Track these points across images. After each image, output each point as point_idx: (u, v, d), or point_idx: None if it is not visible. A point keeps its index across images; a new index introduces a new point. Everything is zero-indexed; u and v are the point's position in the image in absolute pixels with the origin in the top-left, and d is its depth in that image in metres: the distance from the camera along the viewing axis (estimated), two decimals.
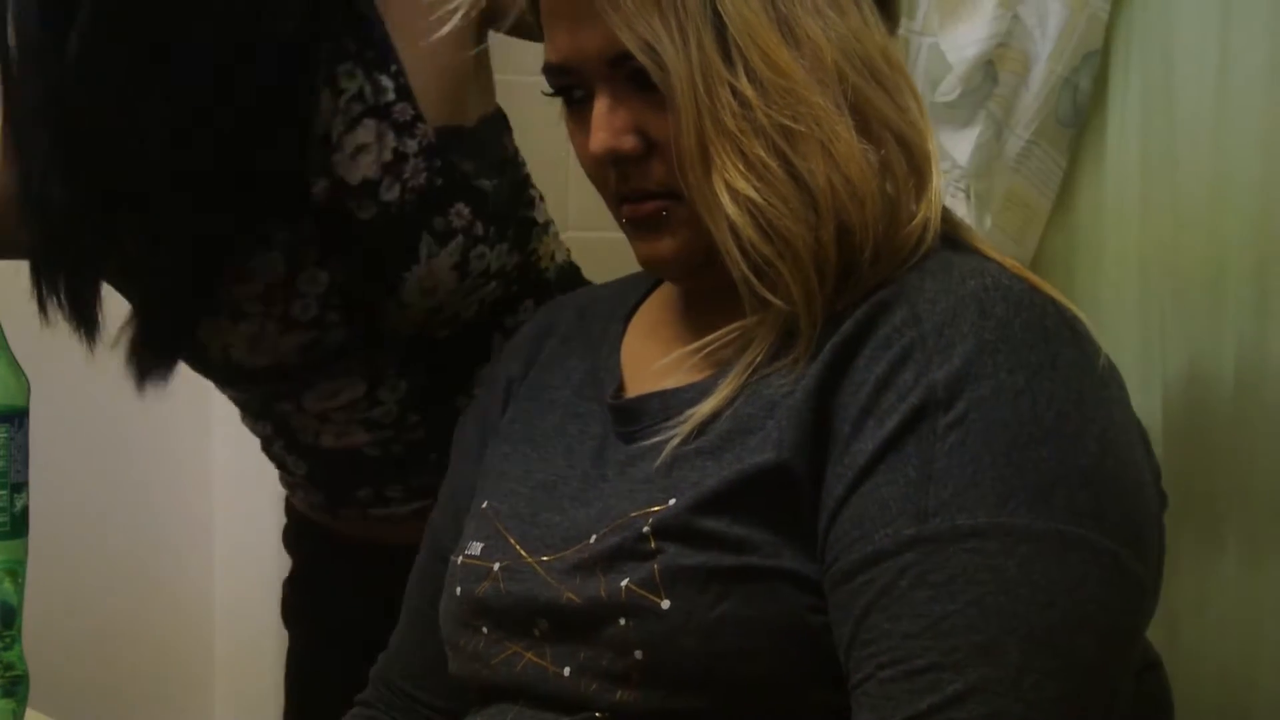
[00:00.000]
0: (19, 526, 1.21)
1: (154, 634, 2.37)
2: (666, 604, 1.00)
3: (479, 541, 1.15)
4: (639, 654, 1.01)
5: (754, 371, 1.05)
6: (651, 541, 1.02)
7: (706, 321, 1.10)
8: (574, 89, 1.09)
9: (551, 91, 1.11)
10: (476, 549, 1.14)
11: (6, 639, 1.20)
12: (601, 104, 1.07)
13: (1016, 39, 1.62)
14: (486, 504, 1.17)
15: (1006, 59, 1.62)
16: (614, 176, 1.08)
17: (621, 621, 1.02)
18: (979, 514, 0.95)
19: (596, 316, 1.24)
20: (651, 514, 1.03)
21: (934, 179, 1.06)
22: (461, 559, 1.15)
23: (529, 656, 1.08)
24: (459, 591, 1.14)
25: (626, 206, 1.09)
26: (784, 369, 1.03)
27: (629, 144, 1.06)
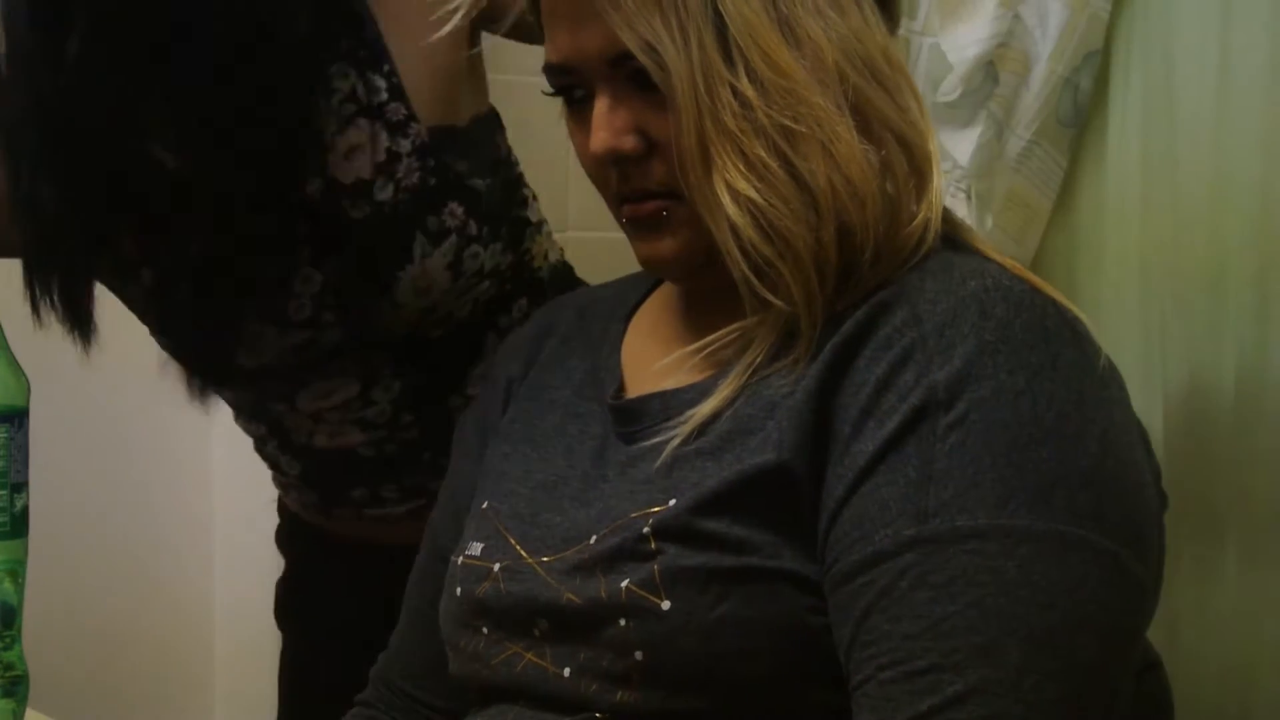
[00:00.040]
0: (19, 526, 1.21)
1: (154, 634, 2.37)
2: (667, 605, 1.00)
3: (479, 542, 1.15)
4: (639, 655, 1.01)
5: (754, 372, 1.05)
6: (652, 542, 1.02)
7: (707, 321, 1.10)
8: (574, 89, 1.09)
9: (552, 91, 1.11)
10: (477, 549, 1.14)
11: (6, 639, 1.20)
12: (602, 104, 1.06)
13: (1017, 39, 1.62)
14: (487, 504, 1.17)
15: (1007, 59, 1.62)
16: (614, 176, 1.08)
17: (622, 622, 1.02)
18: (979, 515, 0.95)
19: (597, 316, 1.24)
20: (652, 515, 1.03)
21: (935, 179, 1.06)
22: (461, 559, 1.15)
23: (529, 657, 1.08)
24: (459, 592, 1.14)
25: (627, 206, 1.09)
26: (784, 369, 1.03)
27: (629, 144, 1.06)
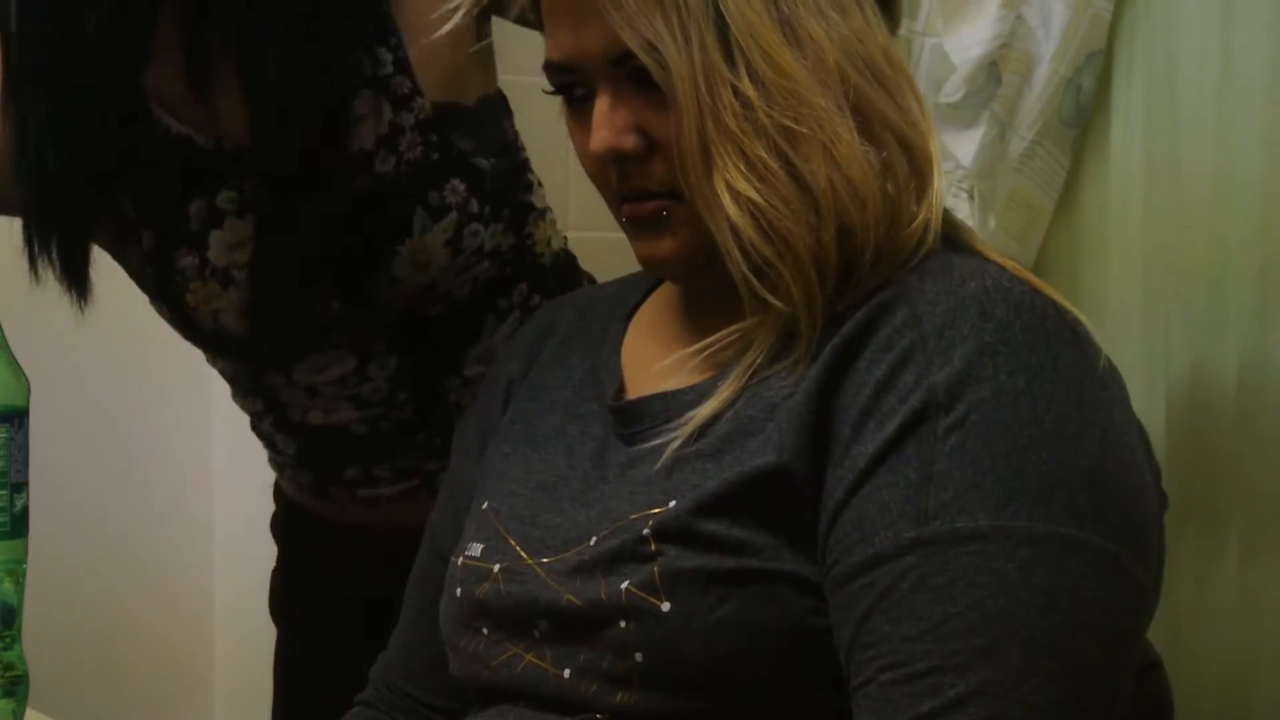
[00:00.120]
0: (19, 526, 1.21)
1: (154, 634, 2.37)
2: (667, 606, 1.00)
3: (479, 543, 1.15)
4: (639, 656, 1.01)
5: (754, 374, 1.05)
6: (652, 544, 1.02)
7: (707, 322, 1.10)
8: (575, 87, 1.09)
9: (552, 90, 1.11)
10: (477, 550, 1.14)
11: (6, 639, 1.20)
12: (603, 103, 1.06)
13: (1020, 39, 1.62)
14: (487, 505, 1.17)
15: (1010, 59, 1.62)
16: (615, 175, 1.08)
17: (622, 623, 1.01)
18: (979, 516, 0.94)
19: (596, 316, 1.24)
20: (652, 516, 1.03)
21: (935, 180, 1.06)
22: (462, 560, 1.15)
23: (529, 658, 1.08)
24: (459, 593, 1.14)
25: (627, 206, 1.09)
26: (784, 371, 1.03)
27: (630, 143, 1.06)
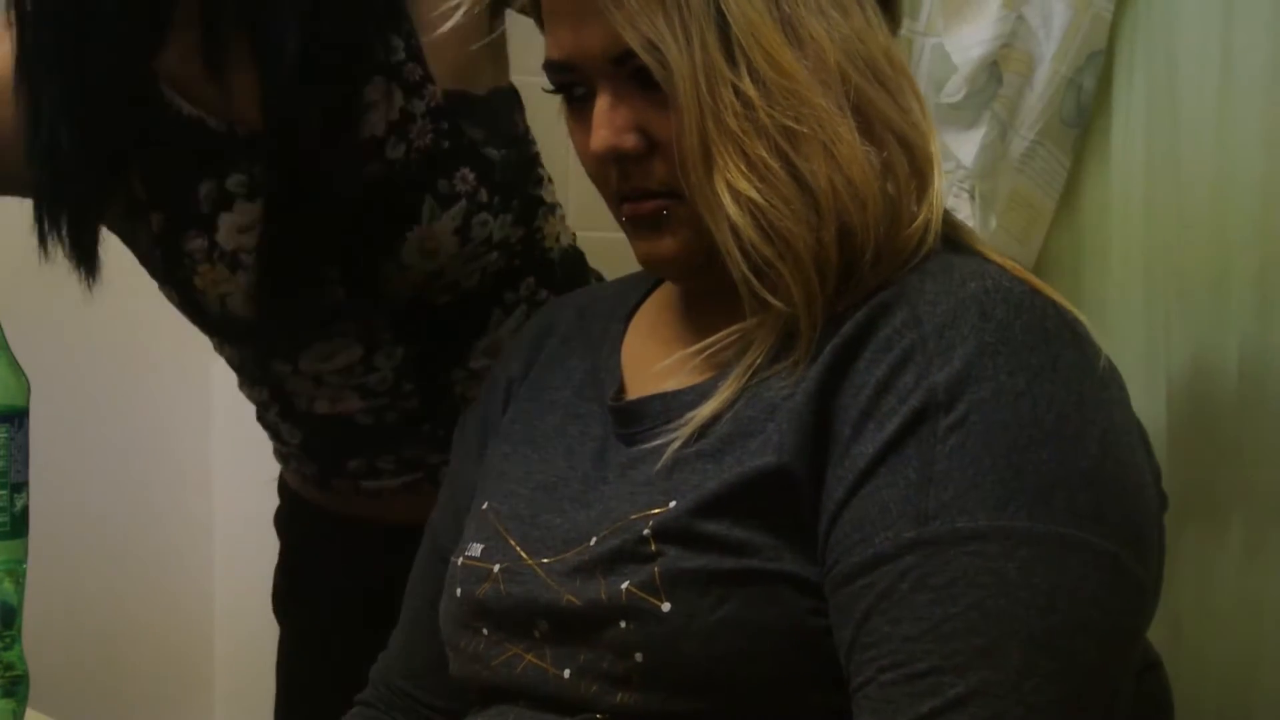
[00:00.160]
0: (19, 526, 1.20)
1: (154, 634, 2.37)
2: (667, 607, 1.00)
3: (479, 543, 1.14)
4: (639, 656, 1.01)
5: (754, 374, 1.05)
6: (652, 544, 1.02)
7: (707, 322, 1.09)
8: (575, 86, 1.09)
9: (552, 88, 1.11)
10: (477, 550, 1.14)
11: (6, 639, 1.20)
12: (603, 102, 1.06)
13: (1021, 39, 1.62)
14: (487, 505, 1.17)
15: (1011, 59, 1.62)
16: (615, 175, 1.08)
17: (622, 624, 1.01)
18: (979, 516, 0.94)
19: (597, 316, 1.24)
20: (652, 516, 1.03)
21: (935, 181, 1.06)
22: (462, 560, 1.15)
23: (529, 658, 1.08)
24: (459, 593, 1.14)
25: (627, 205, 1.09)
26: (784, 371, 1.03)
27: (630, 142, 1.06)
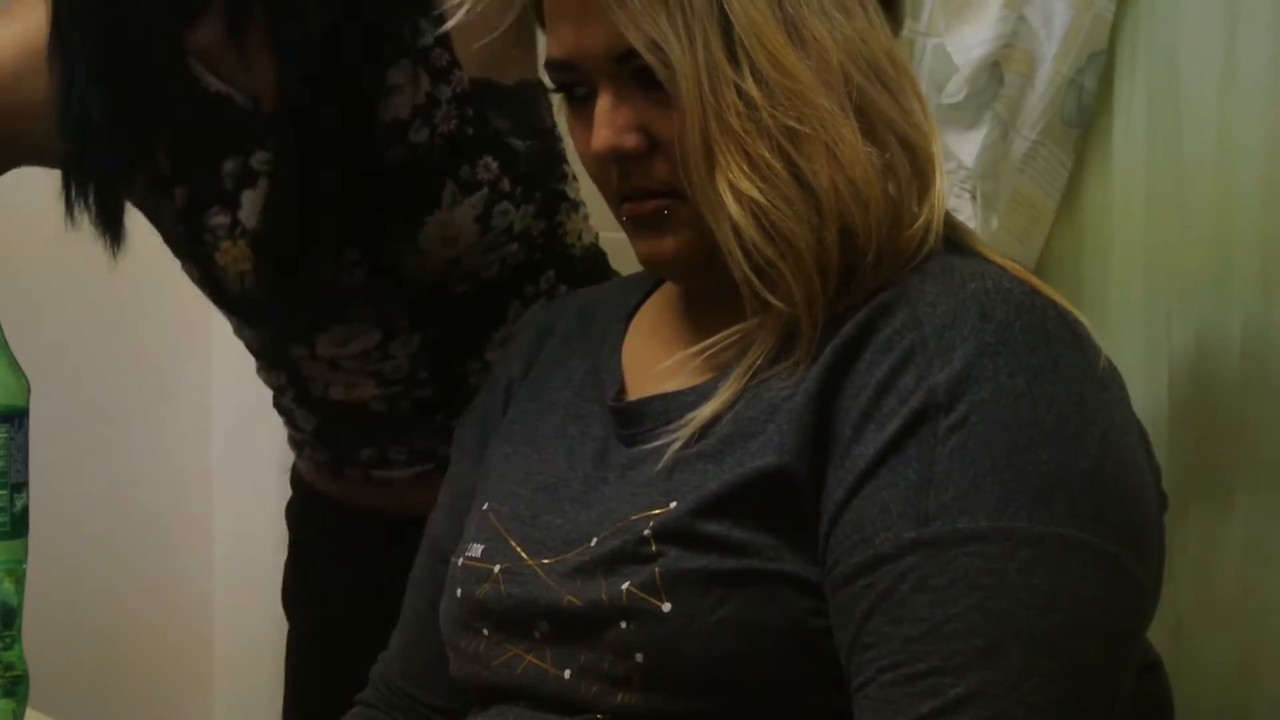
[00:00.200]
0: (19, 526, 1.20)
1: (154, 634, 2.37)
2: (667, 607, 1.00)
3: (480, 543, 1.14)
4: (640, 657, 1.01)
5: (754, 375, 1.04)
6: (652, 544, 1.02)
7: (707, 322, 1.09)
8: (576, 85, 1.08)
9: (553, 87, 1.10)
10: (477, 551, 1.14)
11: (6, 639, 1.20)
12: (605, 101, 1.06)
13: (1022, 40, 1.61)
14: (487, 505, 1.17)
15: (1012, 60, 1.61)
16: (615, 174, 1.07)
17: (622, 624, 1.01)
18: (980, 517, 0.94)
19: (597, 316, 1.23)
20: (652, 517, 1.03)
21: (937, 182, 1.06)
22: (462, 561, 1.15)
23: (529, 659, 1.08)
24: (459, 593, 1.14)
25: (628, 205, 1.08)
26: (784, 372, 1.03)
27: (632, 142, 1.06)
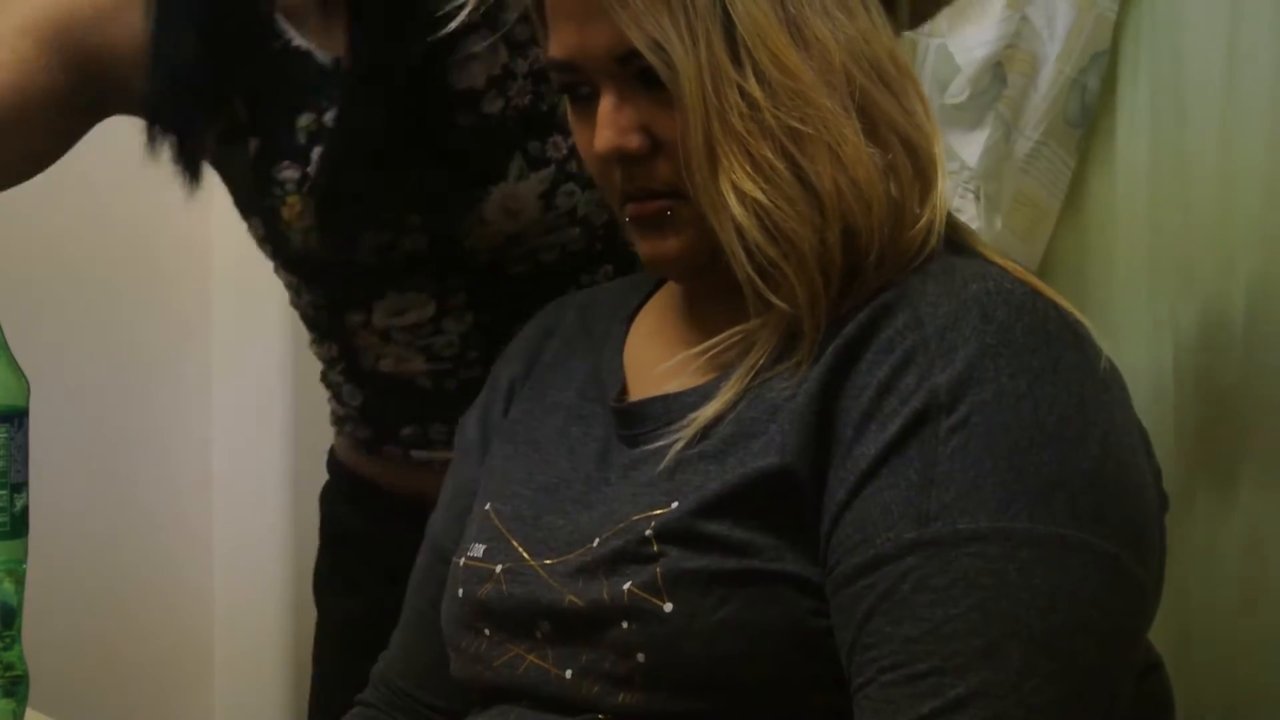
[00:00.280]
0: (19, 526, 1.20)
1: (154, 634, 2.37)
2: (669, 607, 1.00)
3: (481, 543, 1.14)
4: (641, 657, 1.01)
5: (756, 375, 1.04)
6: (654, 545, 1.02)
7: (709, 322, 1.09)
8: (579, 86, 1.08)
9: (555, 87, 1.10)
10: (479, 551, 1.14)
11: (6, 639, 1.20)
12: (607, 102, 1.06)
13: (1025, 40, 1.61)
14: (489, 505, 1.17)
15: (1015, 60, 1.61)
16: (618, 175, 1.08)
17: (624, 624, 1.01)
18: (980, 518, 0.94)
19: (599, 317, 1.24)
20: (654, 517, 1.03)
21: (939, 182, 1.06)
22: (464, 561, 1.15)
23: (531, 659, 1.08)
24: (461, 593, 1.14)
25: (631, 205, 1.09)
26: (786, 372, 1.03)
27: (635, 142, 1.06)
